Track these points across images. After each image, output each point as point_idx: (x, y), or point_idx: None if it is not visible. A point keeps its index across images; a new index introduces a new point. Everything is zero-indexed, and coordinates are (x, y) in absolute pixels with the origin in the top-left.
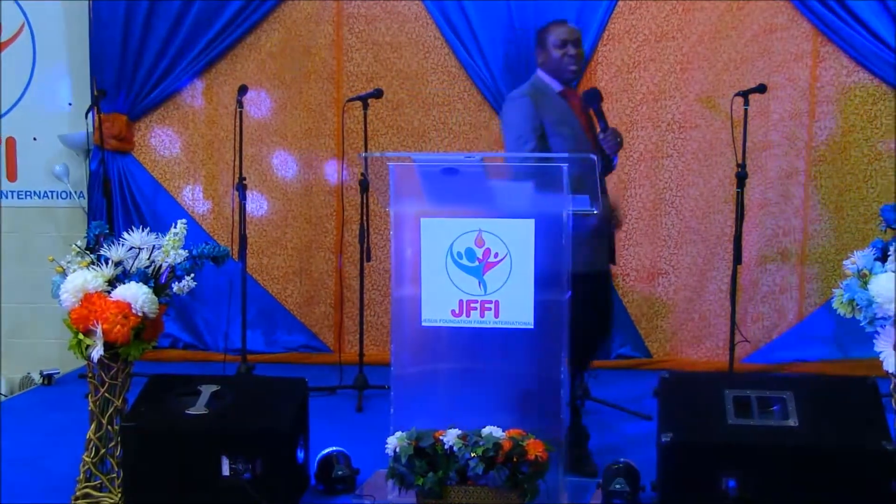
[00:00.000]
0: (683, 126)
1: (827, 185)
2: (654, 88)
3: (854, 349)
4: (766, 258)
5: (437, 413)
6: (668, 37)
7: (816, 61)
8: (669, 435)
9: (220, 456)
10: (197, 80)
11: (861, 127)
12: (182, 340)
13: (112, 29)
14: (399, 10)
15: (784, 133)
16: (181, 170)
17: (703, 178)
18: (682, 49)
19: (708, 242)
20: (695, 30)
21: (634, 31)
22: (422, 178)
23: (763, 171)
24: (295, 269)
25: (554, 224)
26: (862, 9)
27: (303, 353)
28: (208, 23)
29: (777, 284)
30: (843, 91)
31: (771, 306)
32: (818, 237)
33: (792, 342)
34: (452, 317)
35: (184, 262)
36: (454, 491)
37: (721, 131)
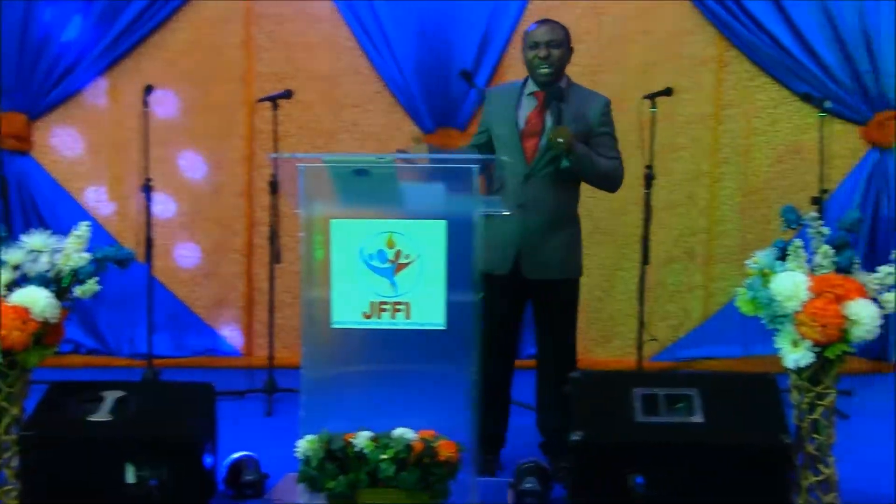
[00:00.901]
0: None
1: (731, 187)
2: None
3: (756, 346)
4: (672, 258)
5: (348, 416)
6: (579, 40)
7: (721, 66)
8: (579, 433)
9: (124, 463)
10: (101, 78)
11: (763, 130)
12: (85, 346)
13: (11, 25)
14: (310, 10)
15: (690, 135)
16: (84, 171)
17: None
18: (592, 52)
19: (617, 243)
20: (605, 33)
21: None
22: (332, 179)
23: (670, 172)
24: (203, 272)
25: (465, 225)
26: (764, 15)
27: (211, 356)
28: (112, 19)
29: (684, 284)
30: (746, 95)
31: (678, 305)
32: (723, 237)
33: (698, 340)
34: (363, 318)
35: (87, 265)
36: (365, 493)
37: (629, 133)
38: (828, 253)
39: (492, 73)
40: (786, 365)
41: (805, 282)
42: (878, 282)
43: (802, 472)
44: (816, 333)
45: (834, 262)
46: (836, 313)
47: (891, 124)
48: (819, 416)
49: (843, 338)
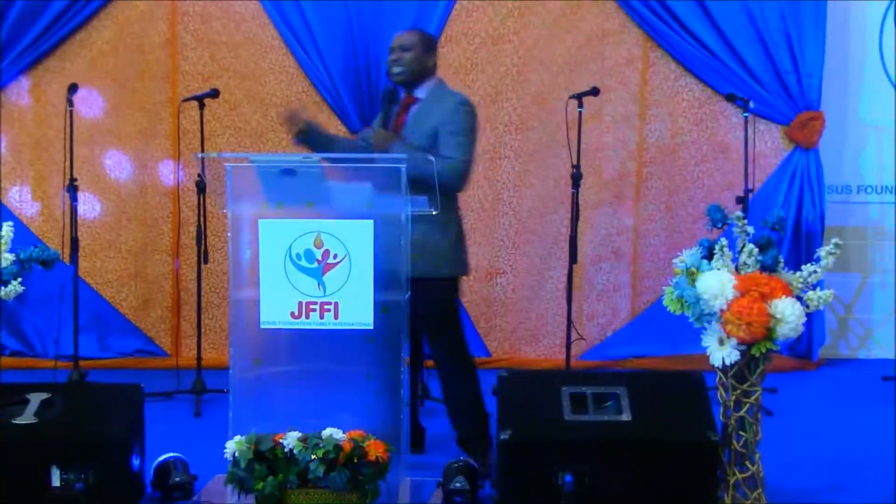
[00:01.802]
0: (520, 127)
1: (657, 186)
2: (492, 90)
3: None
4: (600, 257)
5: (277, 416)
6: (505, 39)
7: (647, 66)
8: (508, 432)
9: (49, 466)
10: (23, 77)
11: (689, 130)
12: (9, 347)
13: None
14: (235, 9)
15: (616, 135)
16: (7, 170)
17: (539, 178)
18: (519, 52)
19: (545, 242)
20: (530, 33)
21: (471, 33)
22: (260, 178)
23: (597, 172)
24: (130, 273)
25: (393, 225)
26: (688, 17)
27: (138, 357)
28: (34, 17)
29: (611, 283)
30: (671, 95)
31: (605, 304)
32: (650, 236)
33: (626, 339)
34: (292, 318)
35: (10, 265)
36: (294, 494)
37: (556, 133)
38: (753, 252)
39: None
40: (712, 363)
41: (731, 280)
42: (802, 280)
43: (729, 468)
44: (742, 332)
45: (759, 261)
46: (762, 311)
47: (813, 124)
48: (745, 414)
49: (768, 336)
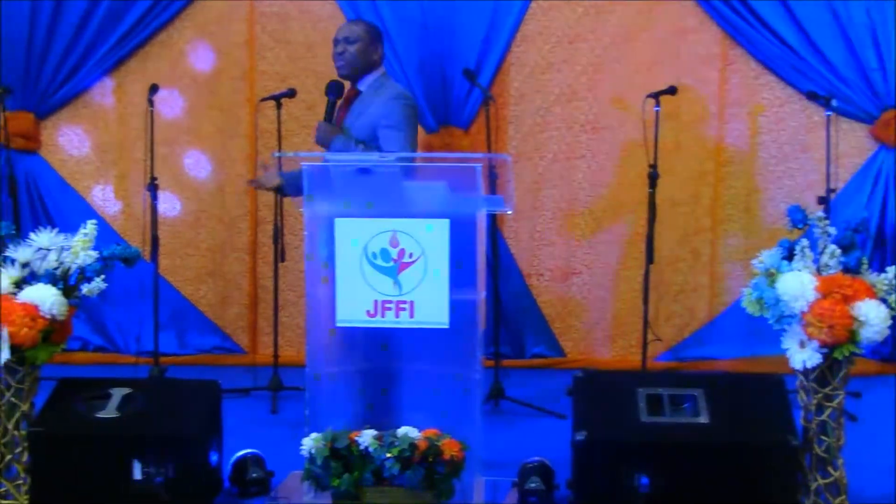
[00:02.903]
0: (596, 127)
1: (736, 186)
2: (567, 90)
3: (763, 347)
4: (677, 257)
5: (352, 414)
6: (581, 38)
7: (725, 64)
8: (583, 433)
9: (131, 460)
10: (107, 78)
11: (769, 128)
12: (92, 343)
13: (17, 24)
14: (312, 9)
15: (694, 134)
16: (91, 169)
17: (615, 178)
18: (595, 51)
19: (621, 242)
20: (607, 32)
21: (547, 32)
22: (336, 178)
23: (674, 171)
24: (208, 270)
25: (468, 224)
26: (768, 14)
27: (216, 354)
28: (118, 19)
29: (688, 284)
30: (751, 93)
31: (682, 305)
32: (728, 237)
33: (703, 340)
34: (367, 317)
35: (94, 263)
36: (370, 492)
37: (633, 132)
38: (835, 253)
39: (495, 72)
40: (793, 366)
41: (812, 282)
42: (887, 283)
43: (810, 473)
44: (824, 334)
45: (841, 263)
46: (844, 314)
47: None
48: (827, 418)
49: (851, 339)
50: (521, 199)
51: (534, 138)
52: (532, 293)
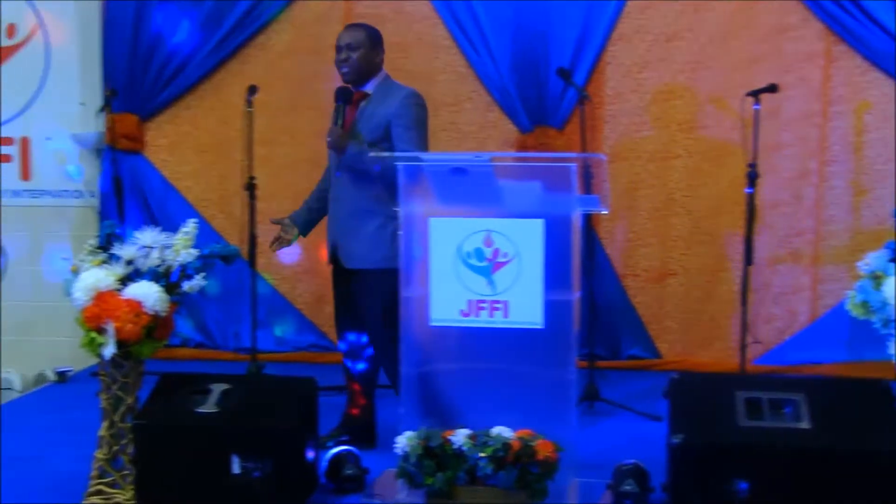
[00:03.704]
0: (693, 126)
1: (840, 186)
2: (664, 88)
3: (867, 351)
4: (777, 259)
5: (446, 413)
6: (678, 37)
7: (829, 61)
8: (680, 436)
9: (230, 454)
10: (207, 79)
11: (875, 127)
12: (193, 339)
13: (123, 28)
14: (408, 10)
15: (796, 133)
16: (191, 169)
17: (713, 178)
18: (693, 49)
19: (718, 243)
20: (705, 29)
21: (644, 30)
22: (431, 178)
23: (774, 171)
24: (305, 269)
25: (563, 224)
26: (875, 7)
27: (312, 352)
28: (218, 22)
29: (789, 286)
30: (856, 90)
31: (783, 307)
32: (831, 238)
33: (804, 344)
34: (461, 317)
35: (194, 261)
36: (463, 491)
37: (731, 131)
38: None
39: (590, 72)
40: None
41: None
42: None
43: None
44: None
45: None
46: None
47: None
48: None
49: None
50: (617, 199)
51: (630, 138)
52: (627, 294)
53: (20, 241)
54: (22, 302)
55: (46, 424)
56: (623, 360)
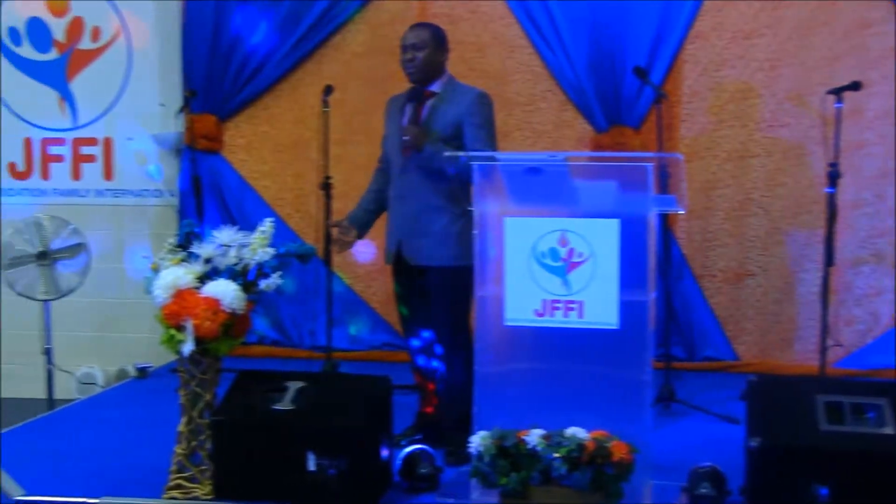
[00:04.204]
0: (772, 125)
1: None
2: (743, 87)
3: None
4: (859, 260)
5: (519, 413)
6: (757, 34)
7: None
8: (758, 439)
9: (305, 451)
10: (284, 80)
11: None
12: (269, 337)
13: (202, 30)
14: (483, 9)
15: (880, 131)
16: (268, 169)
17: (792, 177)
18: (772, 46)
19: (798, 243)
20: (785, 26)
21: (722, 28)
22: (505, 177)
23: (856, 170)
24: (379, 268)
25: (639, 224)
26: None
27: (386, 350)
28: (295, 24)
29: (871, 287)
30: None
31: (865, 310)
32: None
33: (887, 347)
34: (536, 317)
35: (271, 259)
36: (537, 491)
37: (812, 130)
38: None
39: (667, 70)
40: None
41: None
42: None
43: None
44: None
45: None
46: None
47: None
48: None
49: None
50: (694, 198)
51: (707, 137)
52: (704, 294)
53: (103, 240)
54: (105, 299)
55: (127, 419)
56: (699, 362)
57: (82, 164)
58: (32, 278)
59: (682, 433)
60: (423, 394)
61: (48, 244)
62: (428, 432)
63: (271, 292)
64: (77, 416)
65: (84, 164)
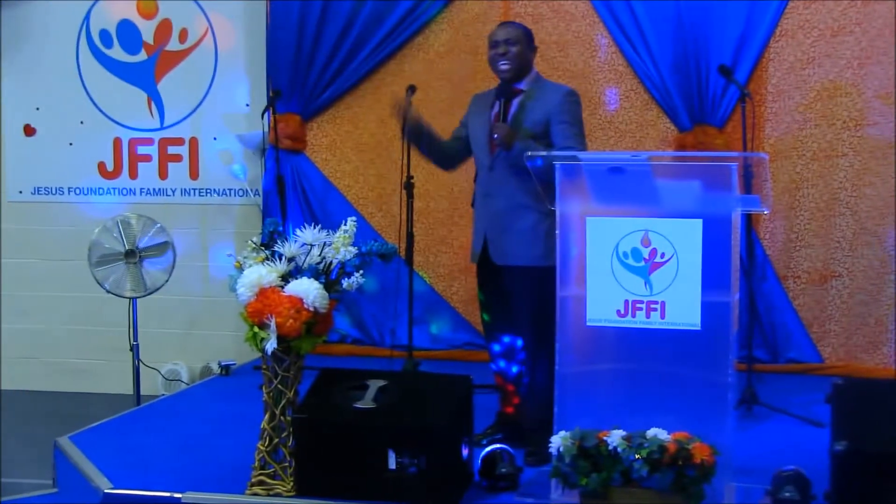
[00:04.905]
0: (860, 123)
1: None
2: (829, 85)
3: None
4: None
5: (600, 413)
6: (846, 31)
7: None
8: (844, 443)
9: (386, 449)
10: (367, 79)
11: None
12: (351, 335)
13: (287, 31)
14: (566, 8)
15: None
16: (351, 168)
17: (881, 177)
18: (861, 44)
19: (885, 244)
20: (874, 23)
21: (808, 26)
22: (588, 177)
23: None
24: (460, 268)
25: (722, 224)
26: None
27: (467, 350)
28: (378, 24)
29: None
30: None
31: None
32: None
33: None
34: (618, 317)
35: (353, 258)
36: (618, 492)
37: None
38: None
39: (752, 68)
40: None
41: None
42: None
43: None
44: None
45: None
46: None
47: None
48: None
49: None
50: (778, 198)
51: (792, 136)
52: (788, 296)
53: (188, 238)
54: (190, 297)
55: (211, 416)
56: (783, 364)
57: (169, 164)
58: (120, 276)
59: (764, 436)
60: (503, 394)
61: (135, 242)
62: (508, 432)
63: (353, 291)
64: (162, 412)
65: (171, 163)
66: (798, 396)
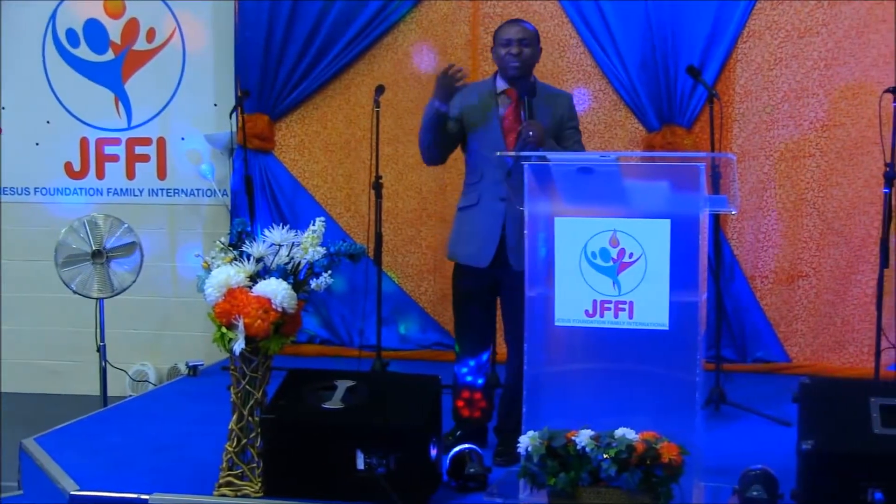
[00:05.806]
0: (827, 124)
1: None
2: (796, 86)
3: None
4: None
5: (569, 413)
6: (812, 32)
7: None
8: (810, 442)
9: (355, 450)
10: (335, 80)
11: None
12: (319, 336)
13: (256, 31)
14: (535, 9)
15: None
16: (319, 168)
17: (847, 178)
18: (827, 45)
19: (851, 245)
20: (841, 25)
21: (776, 27)
22: (557, 177)
23: None
24: (429, 268)
25: (690, 225)
26: None
27: (436, 350)
28: (347, 24)
29: None
30: None
31: None
32: None
33: None
34: (586, 317)
35: (321, 259)
36: (586, 492)
37: (867, 129)
38: None
39: (720, 69)
40: None
41: None
42: None
43: None
44: None
45: None
46: None
47: None
48: None
49: None
50: (746, 198)
51: (760, 136)
52: (756, 295)
53: (156, 238)
54: (157, 297)
55: (179, 417)
56: (750, 364)
57: (136, 164)
58: (87, 276)
59: (732, 435)
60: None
61: (103, 243)
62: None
63: (322, 291)
64: (130, 413)
65: (138, 163)
66: (765, 396)
